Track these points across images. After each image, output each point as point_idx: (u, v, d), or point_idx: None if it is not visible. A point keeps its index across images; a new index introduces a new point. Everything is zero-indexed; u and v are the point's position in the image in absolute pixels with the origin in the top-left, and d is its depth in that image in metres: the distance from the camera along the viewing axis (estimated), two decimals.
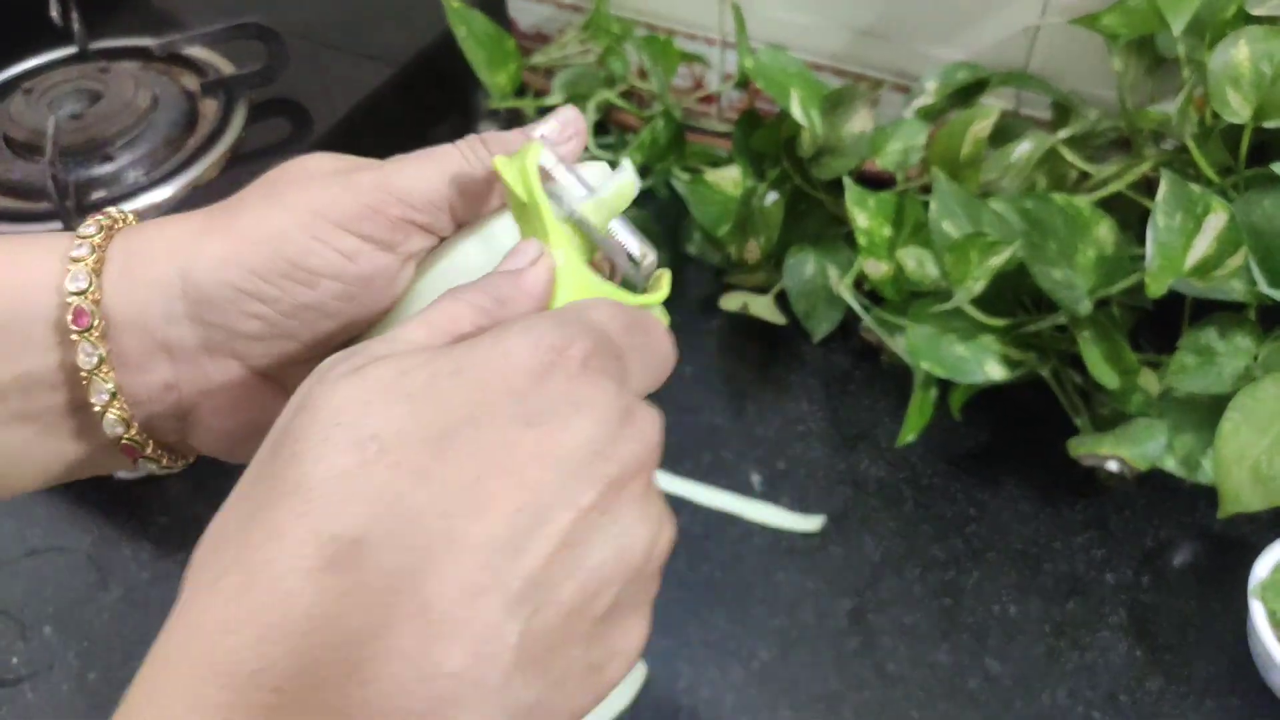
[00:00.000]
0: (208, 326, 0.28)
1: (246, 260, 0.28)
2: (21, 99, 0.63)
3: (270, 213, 0.28)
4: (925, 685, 0.51)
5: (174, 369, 0.29)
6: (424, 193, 0.29)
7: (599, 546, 0.22)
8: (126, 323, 0.28)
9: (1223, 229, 0.49)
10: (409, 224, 0.29)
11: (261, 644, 0.21)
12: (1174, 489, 0.58)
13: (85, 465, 0.30)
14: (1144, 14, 0.55)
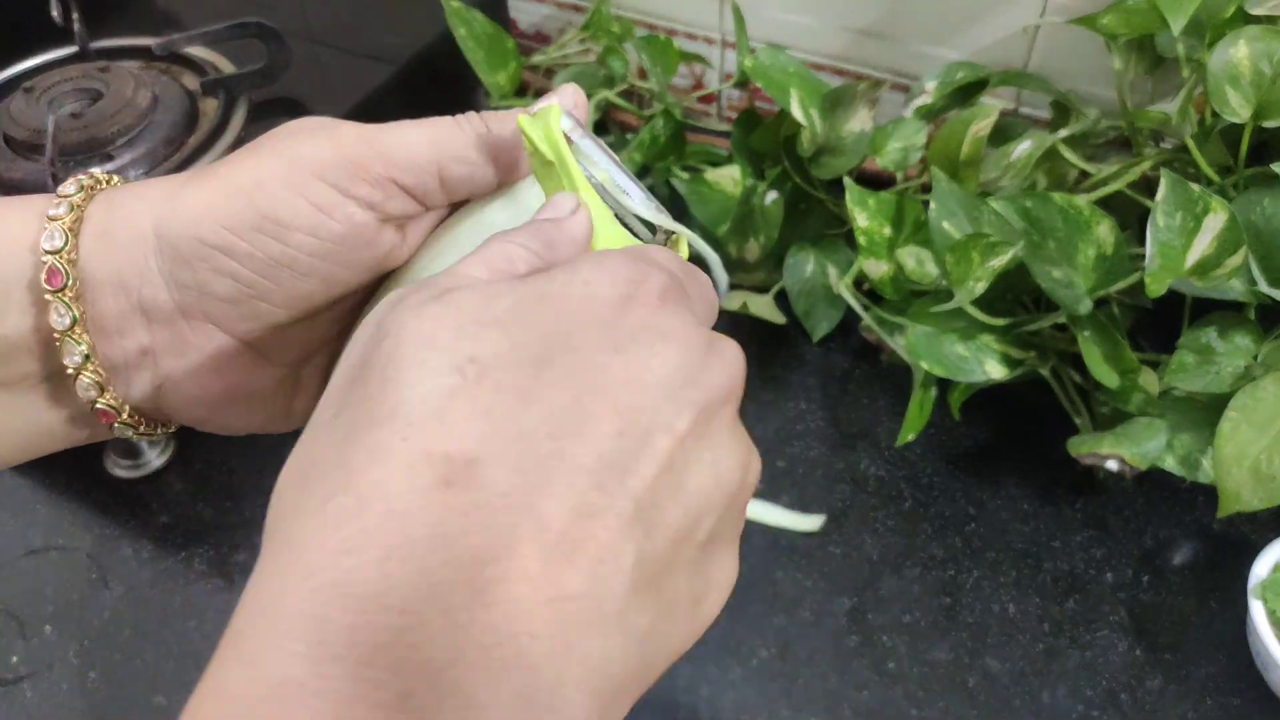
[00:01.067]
0: (182, 288, 0.28)
1: (218, 213, 0.27)
2: (22, 98, 0.63)
3: (249, 163, 0.28)
4: (924, 683, 0.51)
5: (150, 333, 0.28)
6: (409, 153, 0.28)
7: (697, 472, 0.22)
8: (103, 283, 0.27)
9: (1222, 228, 0.49)
10: (391, 183, 0.28)
11: (385, 564, 0.20)
12: (1173, 488, 0.58)
13: (64, 435, 0.29)
14: (1143, 14, 0.55)
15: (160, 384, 0.29)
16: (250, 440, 0.63)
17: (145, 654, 0.53)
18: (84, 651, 0.53)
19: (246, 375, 0.29)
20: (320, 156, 0.27)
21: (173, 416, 0.30)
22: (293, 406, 0.31)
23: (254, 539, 0.58)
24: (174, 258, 0.27)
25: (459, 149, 0.28)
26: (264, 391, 0.30)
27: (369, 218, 0.28)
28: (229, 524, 0.58)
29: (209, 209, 0.27)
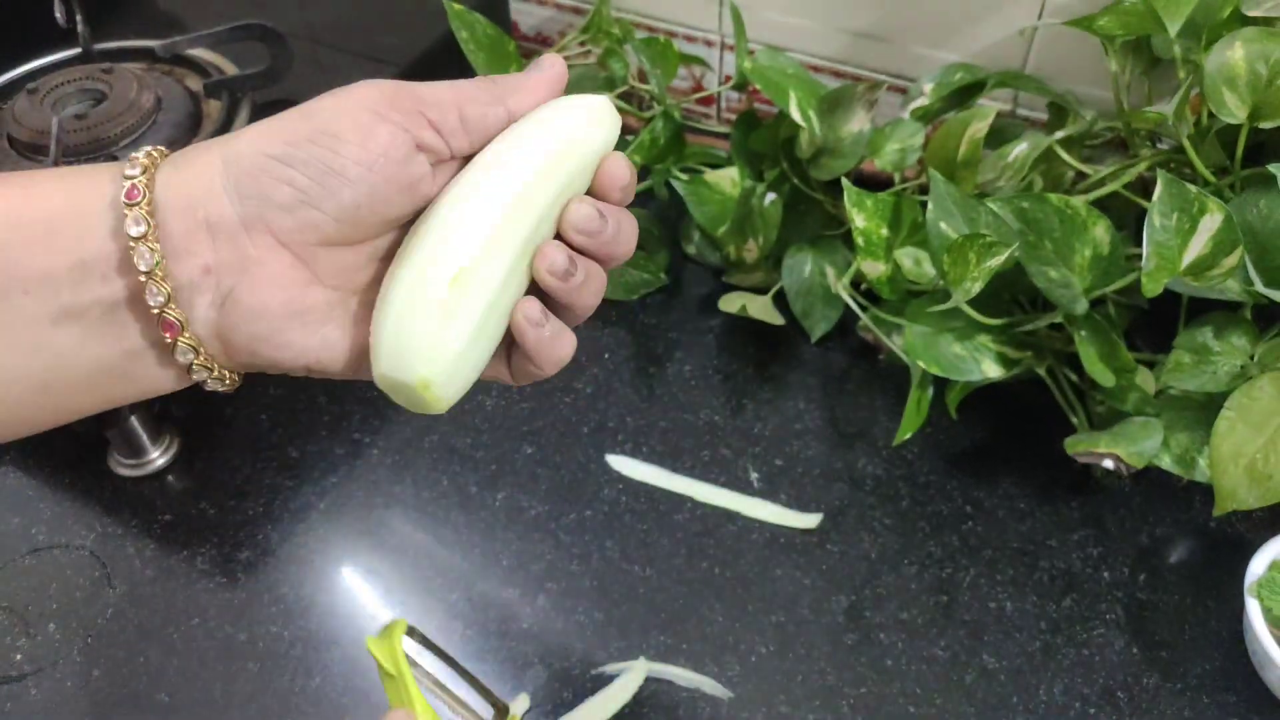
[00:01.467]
0: (244, 199, 0.31)
1: (278, 133, 0.32)
2: (26, 99, 0.63)
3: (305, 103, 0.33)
4: (922, 680, 0.51)
5: (215, 250, 0.31)
6: (435, 95, 0.33)
7: None
8: (172, 206, 0.31)
9: (1218, 229, 0.49)
10: (420, 115, 0.32)
11: None
12: (1170, 487, 0.59)
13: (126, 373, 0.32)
14: (1140, 15, 0.55)
15: (223, 302, 0.32)
16: (253, 439, 0.64)
17: (148, 651, 0.53)
18: (88, 649, 0.53)
19: (301, 291, 0.32)
20: (365, 93, 0.33)
21: (234, 340, 0.32)
22: (342, 338, 0.33)
23: (256, 537, 0.58)
24: (238, 173, 0.31)
25: (474, 93, 0.33)
26: (317, 310, 0.33)
27: (405, 139, 0.32)
28: (232, 522, 0.59)
29: (270, 130, 0.32)
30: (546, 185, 0.33)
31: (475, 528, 0.58)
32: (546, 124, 0.33)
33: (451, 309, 0.31)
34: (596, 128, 0.34)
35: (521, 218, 0.32)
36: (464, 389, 0.33)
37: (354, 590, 0.56)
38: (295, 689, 0.52)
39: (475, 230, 0.32)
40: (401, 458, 0.62)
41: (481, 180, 0.32)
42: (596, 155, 0.34)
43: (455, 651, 0.53)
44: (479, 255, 0.31)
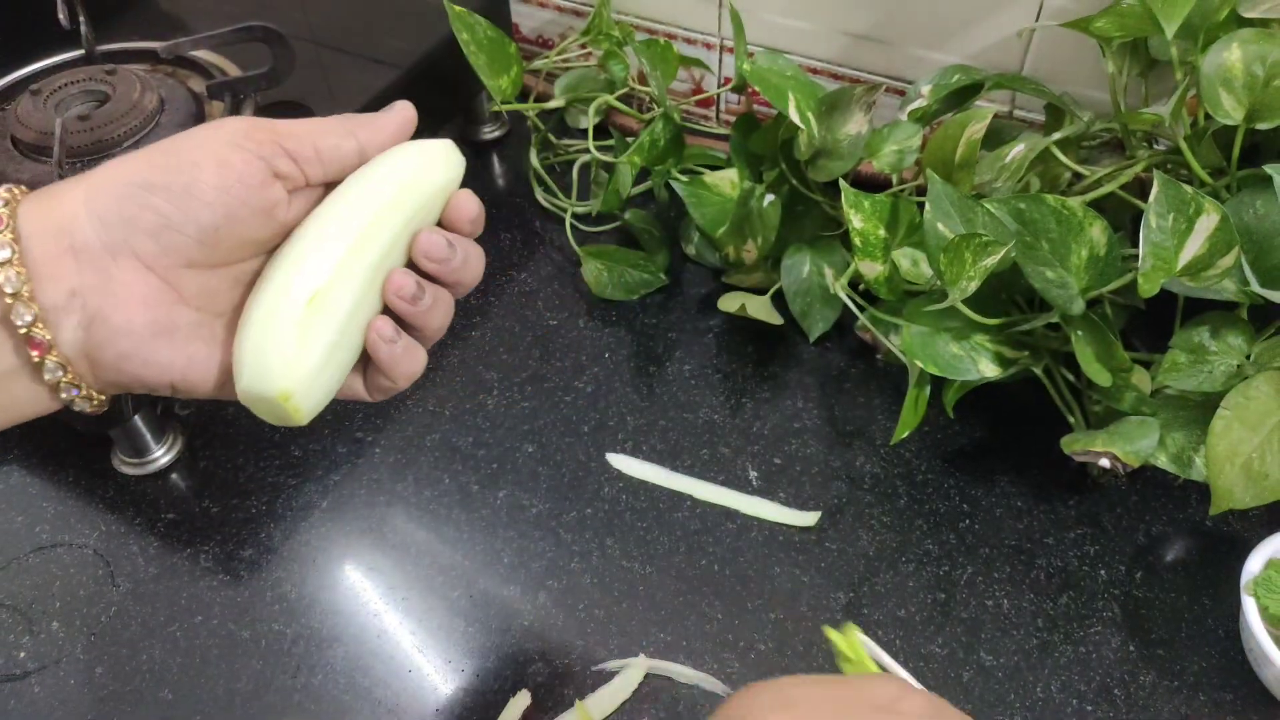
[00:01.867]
0: (107, 225, 0.33)
1: (143, 162, 0.34)
2: (29, 100, 0.64)
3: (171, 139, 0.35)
4: (919, 678, 0.51)
5: (79, 273, 0.32)
6: (291, 128, 0.35)
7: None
8: (35, 235, 0.32)
9: (1215, 229, 0.49)
10: (278, 146, 0.35)
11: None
12: (1166, 486, 0.59)
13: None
14: (1137, 17, 0.55)
15: (90, 322, 0.33)
16: (255, 438, 0.64)
17: (152, 649, 0.54)
18: (91, 647, 0.54)
19: (167, 311, 0.34)
20: (224, 127, 0.35)
21: (101, 359, 0.33)
22: (211, 355, 0.35)
23: (259, 536, 0.58)
24: (103, 201, 0.33)
25: (328, 126, 0.36)
26: (183, 330, 0.34)
27: (261, 166, 0.34)
28: (235, 520, 0.59)
29: (132, 162, 0.34)
30: (394, 216, 0.36)
31: (476, 526, 0.59)
32: (396, 162, 0.37)
33: (308, 326, 0.34)
34: (441, 167, 0.38)
35: (371, 245, 0.35)
36: (323, 401, 0.36)
37: (356, 588, 0.56)
38: (298, 686, 0.52)
39: (329, 255, 0.35)
40: (403, 456, 0.62)
41: (335, 210, 0.35)
42: (442, 191, 0.38)
43: (457, 650, 0.53)
44: (332, 278, 0.34)
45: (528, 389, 0.65)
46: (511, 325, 0.69)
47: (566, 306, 0.70)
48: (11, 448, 0.63)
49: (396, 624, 0.54)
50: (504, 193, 0.79)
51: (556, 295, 0.71)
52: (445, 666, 0.53)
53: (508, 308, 0.70)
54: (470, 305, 0.71)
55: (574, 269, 0.73)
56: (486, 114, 0.83)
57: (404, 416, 0.64)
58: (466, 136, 0.83)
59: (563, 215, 0.75)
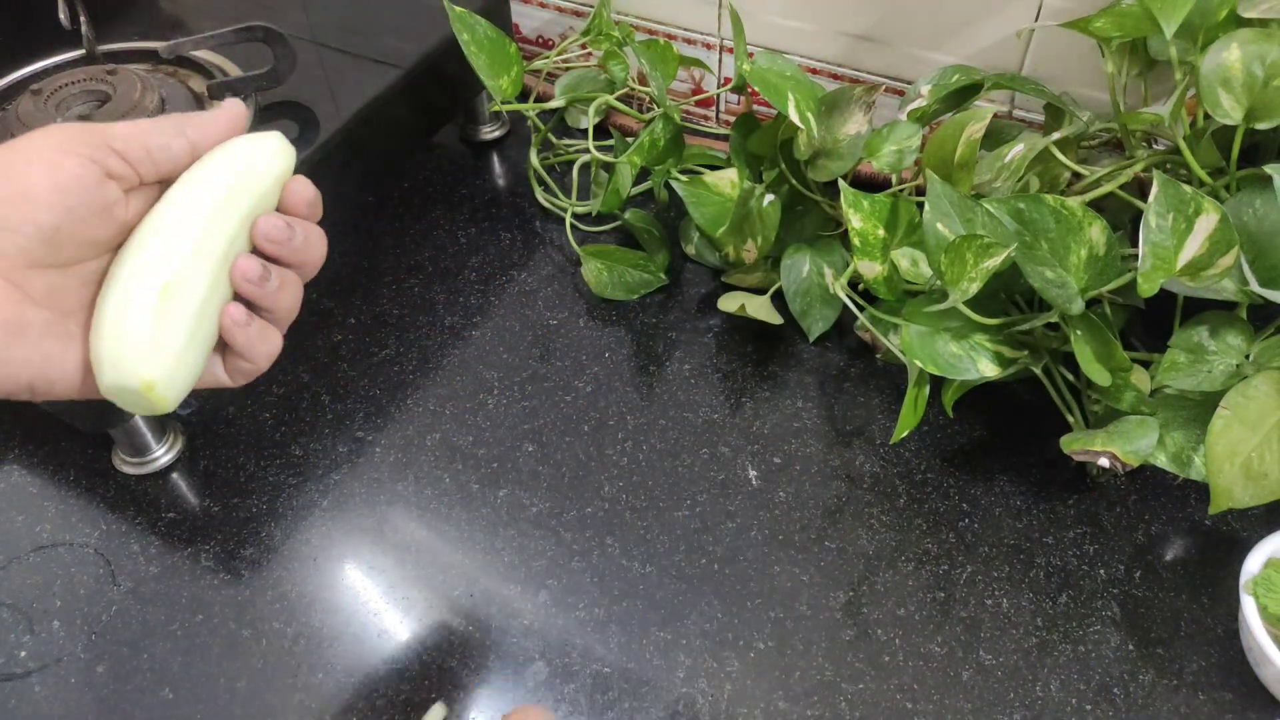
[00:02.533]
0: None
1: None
2: (30, 100, 0.64)
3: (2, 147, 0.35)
4: (919, 677, 0.52)
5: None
6: (122, 130, 0.36)
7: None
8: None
9: (1214, 229, 0.49)
10: (108, 147, 0.35)
11: None
12: (1165, 485, 0.59)
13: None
14: (1136, 17, 0.55)
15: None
16: (256, 438, 0.64)
17: (152, 648, 0.54)
18: (92, 646, 0.54)
19: (15, 309, 0.34)
20: (51, 134, 0.35)
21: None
22: (67, 352, 0.35)
23: (260, 535, 0.59)
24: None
25: (158, 126, 0.37)
26: (34, 328, 0.35)
27: (94, 168, 0.35)
28: (235, 520, 0.59)
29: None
30: (235, 203, 0.37)
31: (477, 525, 0.59)
32: (230, 155, 0.38)
33: (163, 315, 0.35)
34: (274, 157, 0.39)
35: (215, 234, 0.36)
36: (186, 388, 0.36)
37: (356, 587, 0.56)
38: (298, 685, 0.52)
39: (177, 245, 0.36)
40: (404, 456, 0.62)
41: (177, 205, 0.37)
42: (277, 181, 0.39)
43: (457, 649, 0.53)
44: (181, 267, 0.35)
45: (528, 388, 0.66)
46: (512, 325, 0.69)
47: (566, 306, 0.70)
48: (12, 447, 0.63)
49: (397, 623, 0.55)
50: (504, 192, 0.79)
51: (556, 295, 0.71)
52: (446, 666, 0.53)
53: (508, 307, 0.71)
54: (470, 305, 0.71)
55: (574, 269, 0.73)
56: (487, 114, 0.83)
57: (404, 416, 0.64)
58: (467, 136, 0.83)
59: (563, 215, 0.75)
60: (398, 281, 0.72)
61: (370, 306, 0.71)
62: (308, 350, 0.68)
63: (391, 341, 0.68)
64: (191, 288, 0.36)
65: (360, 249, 0.75)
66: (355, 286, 0.72)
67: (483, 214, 0.77)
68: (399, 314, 0.70)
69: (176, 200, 0.37)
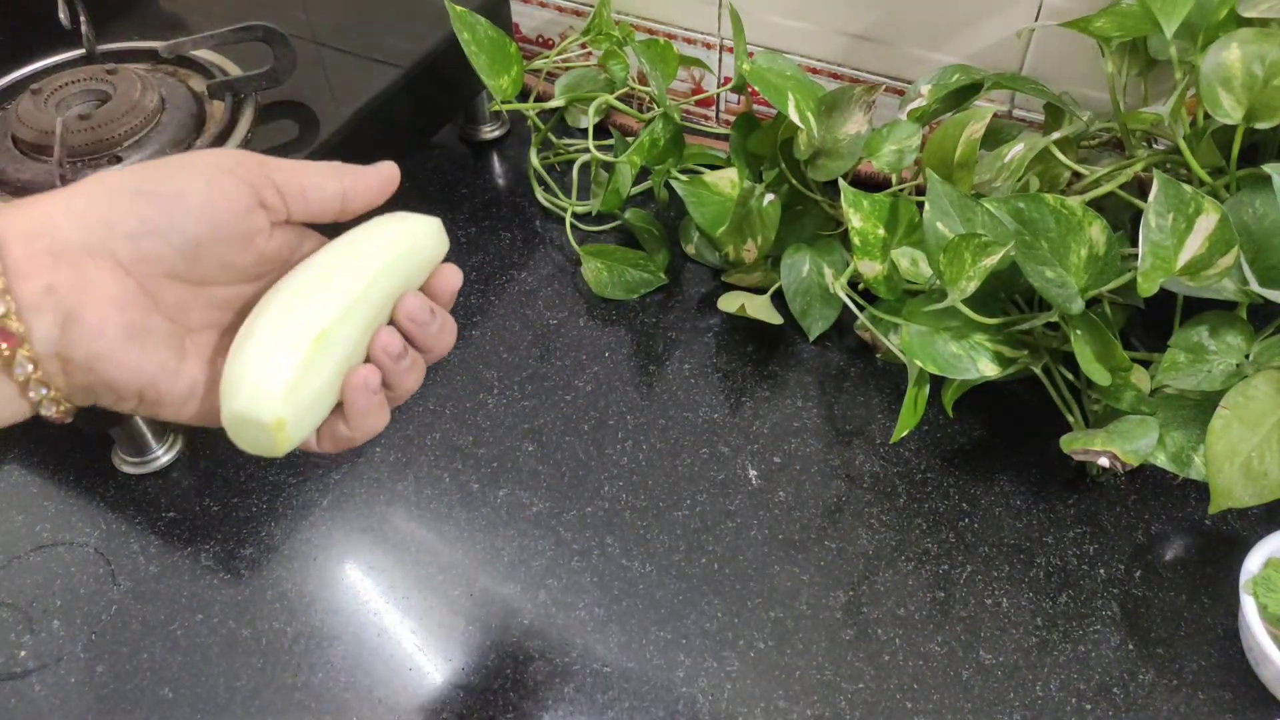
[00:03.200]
0: (89, 227, 0.33)
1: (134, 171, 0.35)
2: (30, 100, 0.64)
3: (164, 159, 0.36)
4: (919, 676, 0.52)
5: (56, 271, 0.32)
6: (281, 164, 0.37)
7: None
8: (11, 237, 0.32)
9: (1214, 229, 0.49)
10: (267, 178, 0.36)
11: None
12: (1165, 485, 0.59)
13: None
14: (1136, 17, 0.55)
15: (64, 320, 0.33)
16: None
17: (152, 648, 0.54)
18: (92, 645, 0.54)
19: (142, 315, 0.34)
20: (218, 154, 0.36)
21: (73, 357, 0.33)
22: (181, 368, 0.36)
23: (260, 534, 0.59)
24: (85, 204, 0.33)
25: (316, 168, 0.38)
26: (156, 335, 0.35)
27: (249, 192, 0.36)
28: (235, 519, 0.59)
29: (123, 171, 0.35)
30: (395, 275, 0.38)
31: (477, 524, 0.59)
32: (399, 229, 0.39)
33: (312, 361, 0.35)
34: (438, 244, 0.40)
35: (372, 297, 0.37)
36: (305, 437, 0.37)
37: (356, 586, 0.56)
38: (298, 684, 0.52)
39: (338, 299, 0.36)
40: (404, 455, 0.62)
41: (339, 261, 0.37)
42: (430, 264, 0.40)
43: (457, 648, 0.54)
44: (338, 320, 0.36)
45: (528, 388, 0.66)
46: (512, 324, 0.69)
47: (566, 306, 0.70)
48: (12, 446, 0.63)
49: (397, 622, 0.55)
50: (504, 192, 0.79)
51: (556, 294, 0.71)
52: (445, 665, 0.53)
53: (508, 307, 0.71)
54: (471, 304, 0.71)
55: (574, 268, 0.73)
56: (487, 113, 0.83)
57: (404, 415, 0.64)
58: (467, 136, 0.83)
59: (563, 215, 0.75)
60: None
61: None
62: None
63: None
64: (341, 343, 0.36)
65: None
66: None
67: (483, 213, 0.77)
68: None
69: (343, 255, 0.37)
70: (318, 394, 0.36)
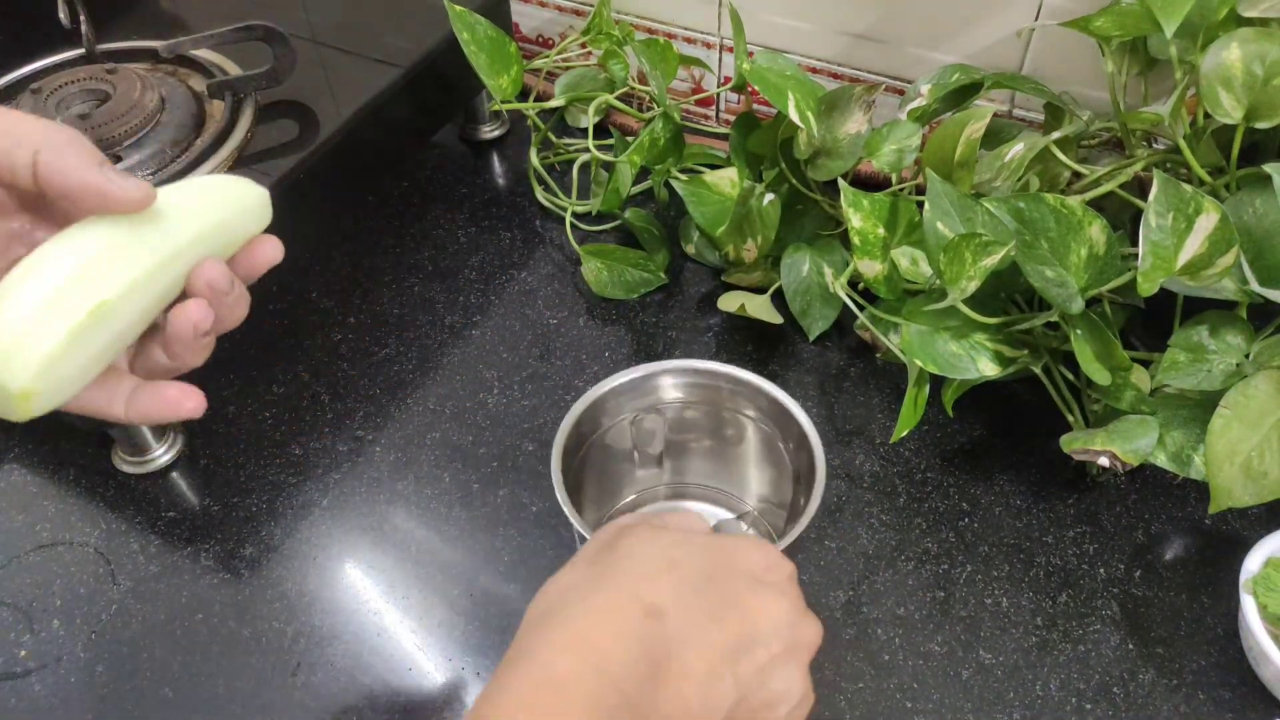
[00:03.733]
0: None
1: None
2: (30, 99, 0.64)
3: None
4: (919, 676, 0.52)
5: None
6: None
7: (777, 680, 0.37)
8: None
9: (1214, 228, 0.49)
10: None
11: (623, 657, 0.35)
12: (1165, 484, 0.59)
13: None
14: (1136, 16, 0.55)
15: None
16: (256, 437, 0.64)
17: (152, 648, 0.54)
18: (92, 645, 0.54)
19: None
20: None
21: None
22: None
23: (260, 534, 0.59)
24: None
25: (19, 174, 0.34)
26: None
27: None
28: (235, 519, 0.59)
29: None
30: (200, 247, 0.36)
31: (477, 524, 0.59)
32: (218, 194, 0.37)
33: (83, 334, 0.33)
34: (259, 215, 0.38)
35: (177, 268, 0.35)
36: (58, 406, 0.34)
37: (356, 586, 0.56)
38: (298, 684, 0.52)
39: (130, 267, 0.33)
40: (404, 455, 0.62)
41: (149, 223, 0.34)
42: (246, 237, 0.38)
43: (457, 648, 0.53)
44: (124, 293, 0.33)
45: (528, 387, 0.65)
46: (512, 324, 0.69)
47: (566, 305, 0.70)
48: (12, 446, 0.63)
49: (396, 622, 0.55)
50: (504, 192, 0.79)
51: (557, 294, 0.71)
52: (445, 665, 0.53)
53: (508, 306, 0.71)
54: (471, 304, 0.71)
55: (574, 268, 0.73)
56: (486, 113, 0.83)
57: (404, 415, 0.64)
58: (467, 136, 0.83)
59: (563, 214, 0.75)
60: (397, 281, 0.72)
61: (370, 306, 0.71)
62: (307, 350, 0.68)
63: (391, 341, 0.68)
64: (123, 316, 0.34)
65: (360, 248, 0.75)
66: (355, 286, 0.72)
67: (482, 213, 0.77)
68: (399, 313, 0.70)
69: (149, 218, 0.34)
70: (82, 368, 0.33)
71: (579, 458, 0.52)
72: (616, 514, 0.57)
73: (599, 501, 0.57)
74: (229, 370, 0.67)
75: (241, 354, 0.67)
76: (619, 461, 0.56)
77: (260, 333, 0.69)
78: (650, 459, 0.57)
